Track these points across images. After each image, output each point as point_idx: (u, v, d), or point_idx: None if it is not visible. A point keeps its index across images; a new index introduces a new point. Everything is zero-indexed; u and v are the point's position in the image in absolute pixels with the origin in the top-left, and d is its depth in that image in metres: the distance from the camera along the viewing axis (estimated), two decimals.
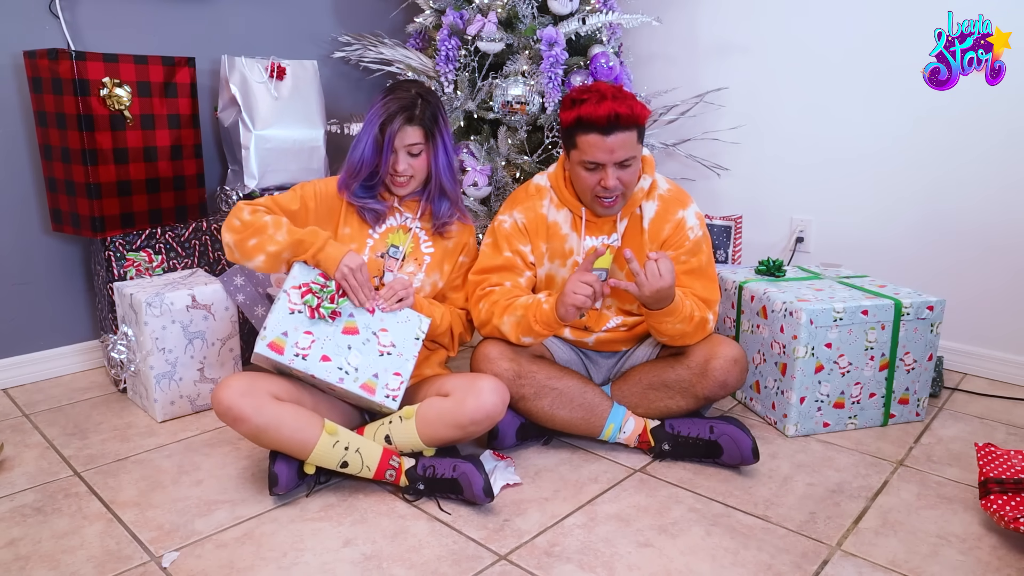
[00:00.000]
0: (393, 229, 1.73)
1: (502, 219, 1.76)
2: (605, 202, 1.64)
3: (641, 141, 1.62)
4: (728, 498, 1.56)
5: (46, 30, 2.07)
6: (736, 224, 2.46)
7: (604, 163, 1.57)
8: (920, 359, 1.89)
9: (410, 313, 1.63)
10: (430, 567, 1.32)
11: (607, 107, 1.52)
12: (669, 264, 1.53)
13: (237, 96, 2.24)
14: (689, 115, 2.70)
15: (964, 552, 1.38)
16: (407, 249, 1.72)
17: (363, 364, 1.54)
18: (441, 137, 1.65)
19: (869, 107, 2.38)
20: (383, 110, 1.59)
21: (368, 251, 1.71)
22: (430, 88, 1.70)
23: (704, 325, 1.69)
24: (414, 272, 1.72)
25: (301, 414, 1.49)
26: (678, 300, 1.60)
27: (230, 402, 1.44)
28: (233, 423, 1.45)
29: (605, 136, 1.54)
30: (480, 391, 1.53)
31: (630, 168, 1.60)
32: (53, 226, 2.12)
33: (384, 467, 1.53)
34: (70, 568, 1.32)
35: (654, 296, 1.54)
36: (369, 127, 1.61)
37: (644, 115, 1.57)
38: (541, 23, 2.31)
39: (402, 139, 1.60)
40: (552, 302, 1.61)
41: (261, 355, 1.48)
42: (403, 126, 1.59)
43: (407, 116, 1.59)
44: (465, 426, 1.53)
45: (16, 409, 2.01)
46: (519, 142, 2.32)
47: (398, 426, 1.57)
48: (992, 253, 2.22)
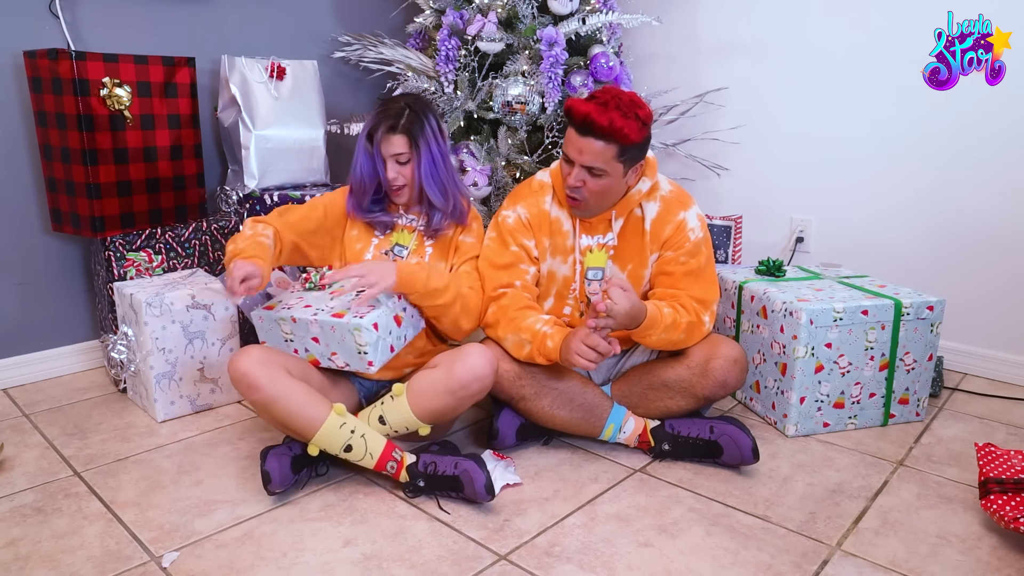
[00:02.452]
0: (399, 228, 1.76)
1: (506, 214, 1.76)
2: (570, 199, 1.64)
3: (625, 160, 1.57)
4: (728, 498, 1.56)
5: (46, 30, 2.07)
6: (736, 224, 2.46)
7: (573, 160, 1.58)
8: (920, 359, 1.89)
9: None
10: (430, 567, 1.32)
11: (587, 108, 1.52)
12: (618, 291, 1.51)
13: (237, 96, 2.24)
14: (689, 115, 2.70)
15: (964, 552, 1.38)
16: (412, 247, 1.75)
17: (339, 304, 1.59)
18: (427, 145, 1.65)
19: (869, 107, 2.38)
20: (370, 122, 1.65)
21: (373, 249, 1.74)
22: (424, 99, 1.70)
23: (696, 328, 1.68)
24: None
25: (311, 392, 1.53)
26: (652, 313, 1.59)
27: (247, 368, 1.48)
28: (247, 391, 1.48)
29: (579, 135, 1.55)
30: (468, 355, 1.56)
31: (600, 180, 1.58)
32: (53, 226, 2.12)
33: (386, 458, 1.53)
34: (70, 568, 1.32)
35: (627, 322, 1.54)
36: (360, 140, 1.68)
37: (626, 135, 1.51)
38: (541, 23, 2.31)
39: (387, 148, 1.64)
40: (557, 344, 1.59)
41: (257, 317, 1.61)
42: (386, 135, 1.63)
43: (390, 125, 1.63)
44: (456, 391, 1.54)
45: (16, 409, 2.01)
46: (519, 142, 2.32)
47: (390, 405, 1.59)
48: (992, 253, 2.22)
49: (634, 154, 1.58)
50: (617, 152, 1.54)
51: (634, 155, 1.58)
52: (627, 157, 1.57)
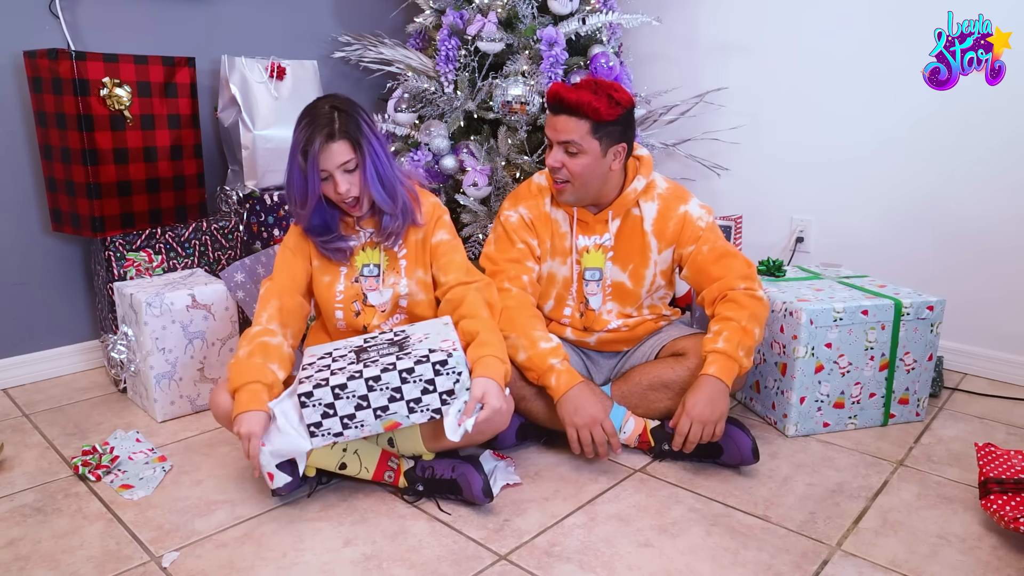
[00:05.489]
0: (359, 249, 1.64)
1: (508, 214, 1.78)
2: (555, 183, 1.68)
3: (600, 137, 1.61)
4: (728, 498, 1.56)
5: (46, 30, 2.07)
6: (736, 224, 2.46)
7: (551, 140, 1.64)
8: (920, 359, 1.89)
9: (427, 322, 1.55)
10: (430, 567, 1.32)
11: (557, 87, 1.61)
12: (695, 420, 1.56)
13: (237, 96, 2.24)
14: (689, 115, 2.70)
15: (964, 552, 1.38)
16: (384, 264, 1.64)
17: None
18: (369, 144, 1.50)
19: (869, 107, 2.38)
20: (301, 136, 1.47)
21: (343, 279, 1.63)
22: (346, 97, 1.54)
23: (758, 307, 1.67)
24: (396, 281, 1.64)
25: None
26: (725, 366, 1.60)
27: (228, 406, 1.44)
28: (231, 427, 1.44)
29: (553, 114, 1.63)
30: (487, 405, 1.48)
31: (576, 159, 1.62)
32: (53, 226, 2.12)
33: (383, 468, 1.53)
34: (70, 568, 1.32)
35: (722, 414, 1.59)
36: (292, 158, 1.49)
37: (599, 110, 1.56)
38: (541, 23, 2.31)
39: (329, 160, 1.47)
40: (559, 386, 1.61)
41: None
42: (325, 145, 1.46)
43: (327, 134, 1.46)
44: (471, 436, 1.51)
45: (16, 409, 2.01)
46: (519, 142, 2.32)
47: (402, 431, 1.56)
48: (992, 253, 2.22)
49: (611, 132, 1.62)
50: (591, 128, 1.60)
51: (611, 133, 1.62)
52: (602, 134, 1.61)
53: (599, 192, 1.70)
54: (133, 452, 1.73)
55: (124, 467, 1.66)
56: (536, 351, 1.64)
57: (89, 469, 1.61)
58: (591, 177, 1.66)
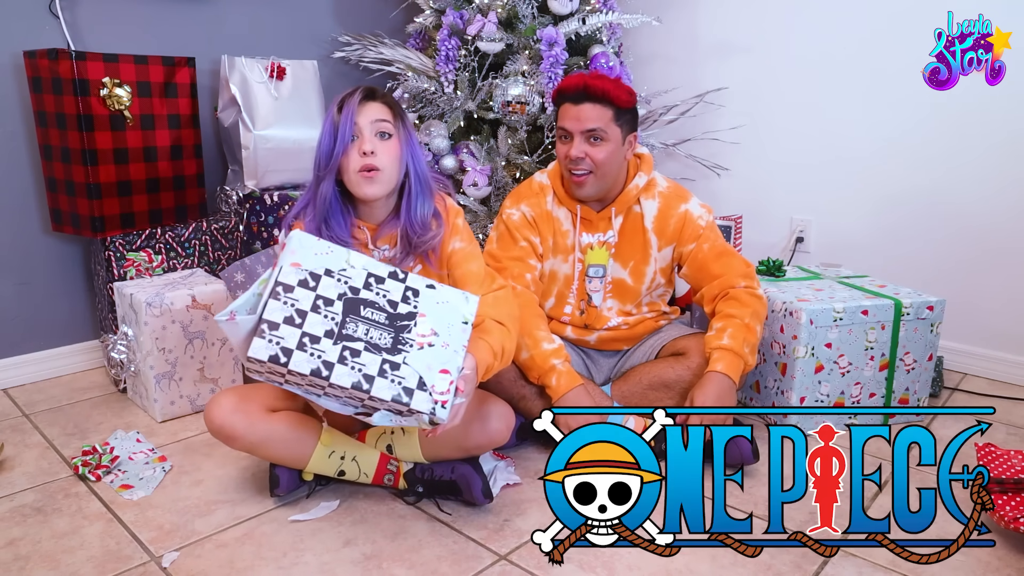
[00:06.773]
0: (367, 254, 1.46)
1: (510, 212, 1.78)
2: (575, 176, 1.66)
3: (621, 124, 1.64)
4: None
5: (46, 30, 2.07)
6: (736, 224, 2.46)
7: (572, 131, 1.63)
8: (920, 359, 1.89)
9: (448, 292, 1.27)
10: (430, 567, 1.32)
11: (579, 78, 1.62)
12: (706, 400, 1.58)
13: (237, 96, 2.24)
14: (689, 115, 2.70)
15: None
16: None
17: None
18: (408, 133, 1.42)
19: (869, 107, 2.38)
20: (340, 94, 1.38)
21: None
22: None
23: (759, 305, 1.70)
24: None
25: (296, 426, 1.46)
26: (731, 363, 1.62)
27: (222, 420, 1.40)
28: (226, 441, 1.43)
29: (575, 104, 1.63)
30: (487, 417, 1.48)
31: (600, 146, 1.62)
32: (53, 226, 2.12)
33: (382, 472, 1.53)
34: (70, 568, 1.32)
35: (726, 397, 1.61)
36: (327, 117, 1.37)
37: (620, 96, 1.61)
38: (541, 23, 2.31)
39: (365, 112, 1.36)
40: (558, 387, 1.62)
41: (255, 358, 1.15)
42: (364, 99, 1.37)
43: (368, 91, 1.38)
44: (469, 449, 1.51)
45: (16, 409, 2.01)
46: (519, 142, 2.32)
47: (401, 439, 1.54)
48: (992, 253, 2.22)
49: (628, 119, 1.66)
50: (614, 115, 1.62)
51: (629, 121, 1.66)
52: (623, 121, 1.64)
53: (612, 184, 1.71)
54: (133, 452, 1.73)
55: (124, 467, 1.66)
56: (539, 351, 1.64)
57: (89, 469, 1.61)
58: (612, 166, 1.67)
